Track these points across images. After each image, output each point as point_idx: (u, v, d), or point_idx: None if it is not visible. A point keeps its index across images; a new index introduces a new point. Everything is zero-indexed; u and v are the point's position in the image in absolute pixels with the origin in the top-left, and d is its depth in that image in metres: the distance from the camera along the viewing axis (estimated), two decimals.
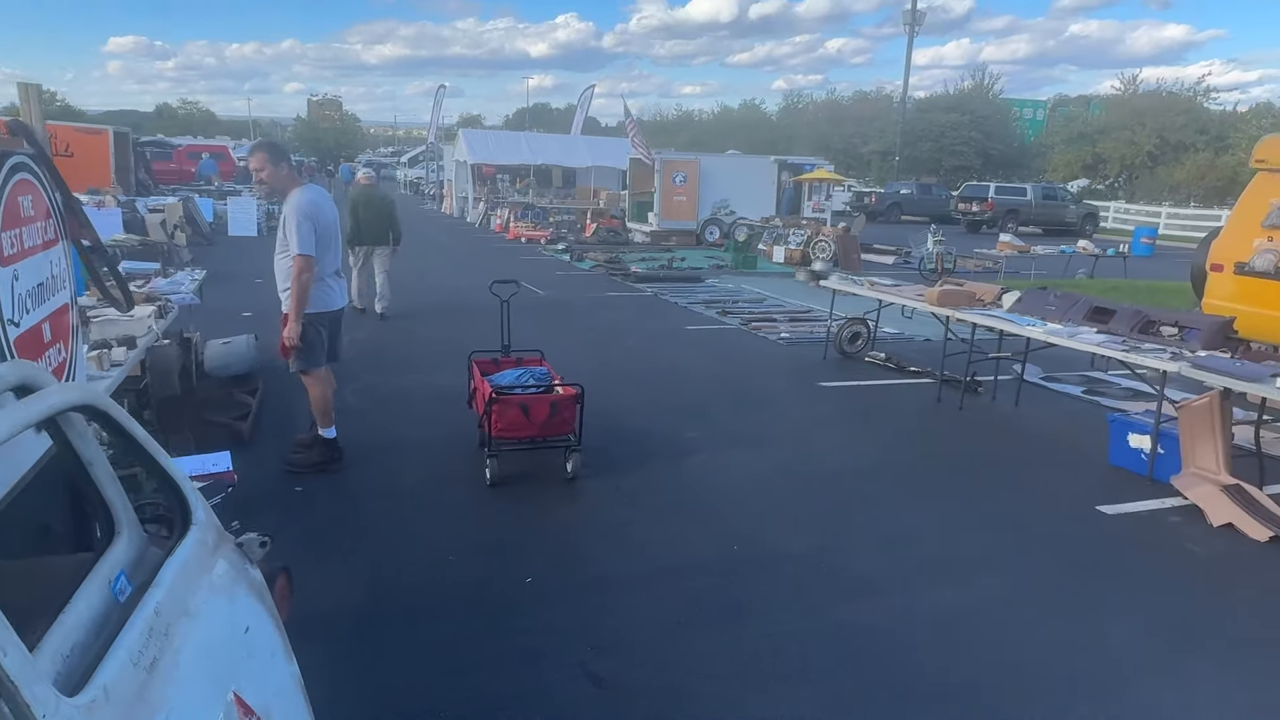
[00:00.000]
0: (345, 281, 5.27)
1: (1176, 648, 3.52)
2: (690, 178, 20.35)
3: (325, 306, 4.89)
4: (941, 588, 3.93)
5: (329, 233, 4.81)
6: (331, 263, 4.92)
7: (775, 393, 7.31)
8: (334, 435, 5.08)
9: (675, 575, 3.94)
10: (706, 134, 58.08)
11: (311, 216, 4.65)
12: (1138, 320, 5.96)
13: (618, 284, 13.69)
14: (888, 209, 32.22)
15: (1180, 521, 4.82)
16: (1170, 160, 34.80)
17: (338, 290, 5.02)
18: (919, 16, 37.66)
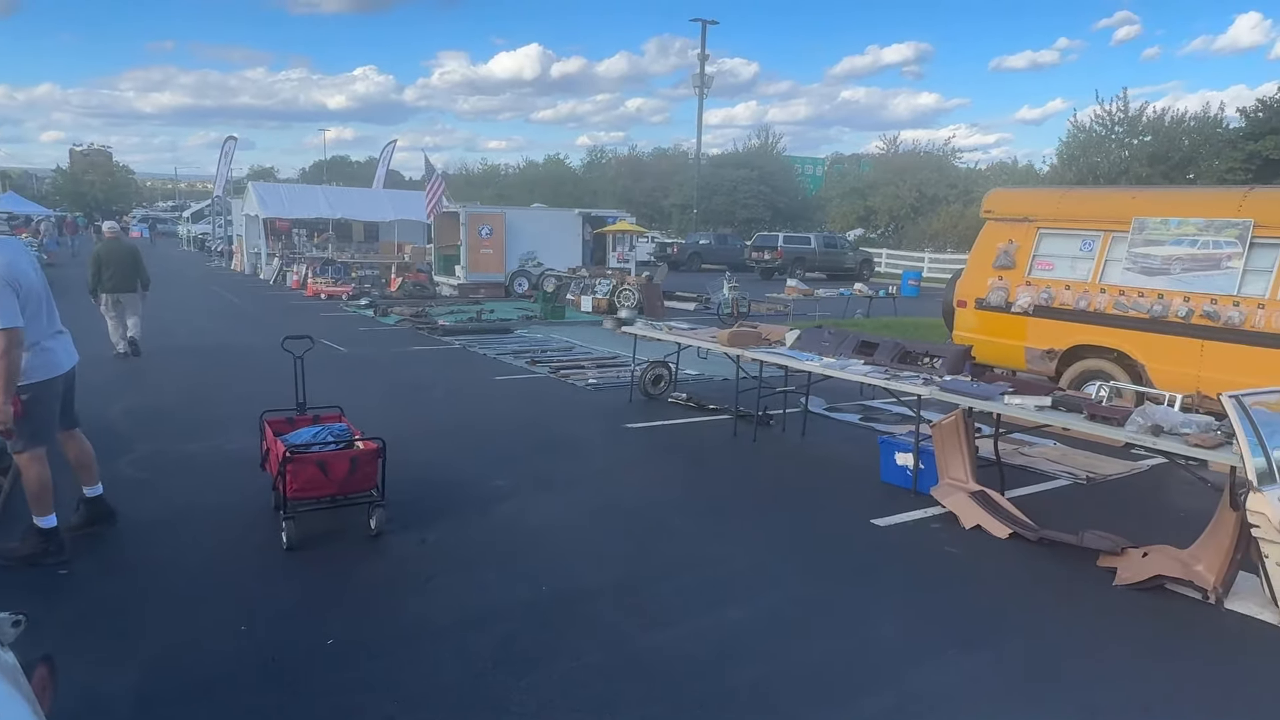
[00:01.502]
0: (68, 336, 4.63)
1: (936, 637, 3.97)
2: (497, 230, 20.49)
3: (51, 372, 4.36)
4: (734, 607, 4.20)
5: (35, 293, 4.24)
6: (48, 325, 4.37)
7: (583, 437, 7.50)
8: (54, 524, 4.40)
9: (484, 622, 3.95)
10: (513, 188, 58.63)
11: (11, 281, 4.03)
12: (897, 351, 6.70)
13: (425, 338, 13.48)
14: (689, 258, 33.88)
15: (939, 527, 5.44)
16: (928, 211, 39.17)
17: (61, 351, 4.46)
18: (708, 80, 40.37)
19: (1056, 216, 8.71)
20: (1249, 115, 28.48)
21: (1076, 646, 3.92)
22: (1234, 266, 7.29)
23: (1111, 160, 31.13)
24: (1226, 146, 28.42)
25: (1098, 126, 32.63)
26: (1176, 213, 7.76)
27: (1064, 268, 8.48)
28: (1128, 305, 7.87)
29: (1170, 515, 5.85)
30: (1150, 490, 6.55)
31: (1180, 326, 7.50)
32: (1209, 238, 7.46)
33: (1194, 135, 30.59)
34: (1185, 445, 4.55)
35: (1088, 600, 4.43)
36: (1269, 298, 7.04)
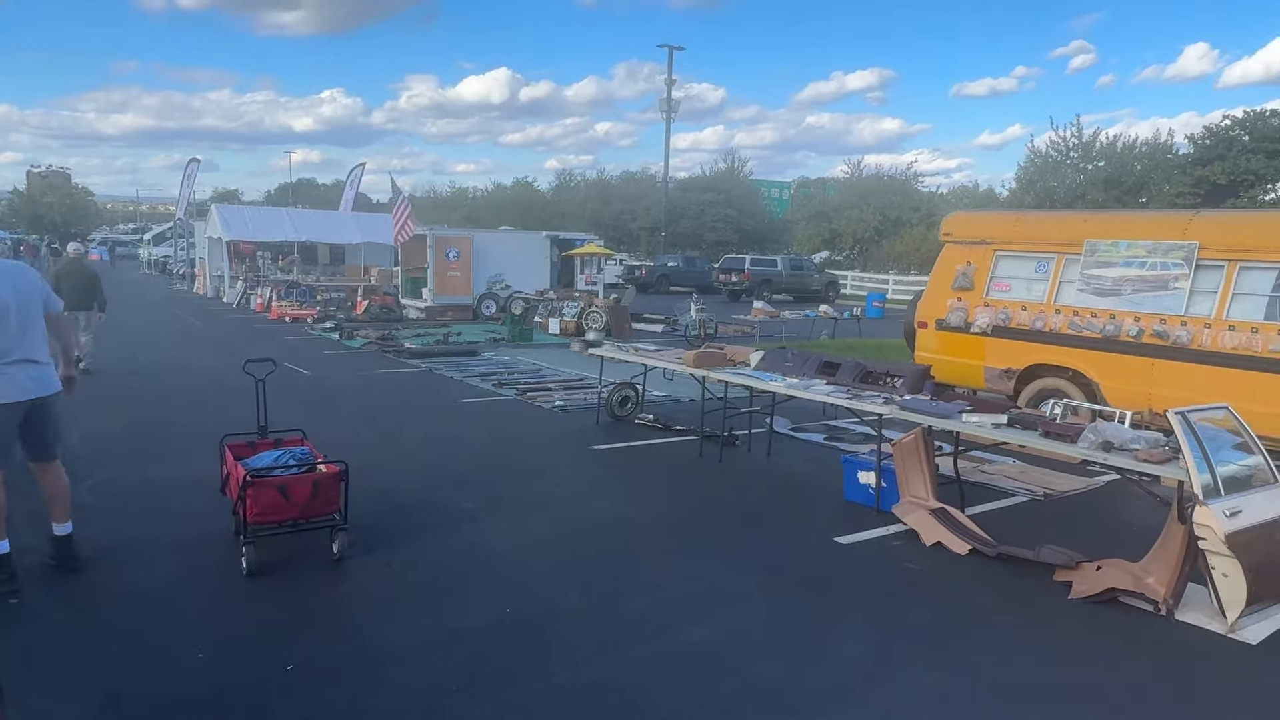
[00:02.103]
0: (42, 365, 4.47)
1: (897, 652, 4.03)
2: (464, 253, 20.47)
3: (9, 398, 4.27)
4: (699, 626, 4.23)
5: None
6: (12, 348, 4.28)
7: (549, 458, 7.50)
8: (6, 550, 4.33)
9: (448, 644, 3.94)
10: (481, 210, 58.59)
11: None
12: (858, 372, 6.82)
13: (391, 361, 13.39)
14: (657, 281, 34.05)
15: (900, 544, 5.52)
16: (892, 234, 39.84)
17: (23, 378, 4.34)
18: (674, 105, 40.90)
19: (1012, 239, 8.94)
20: (1197, 142, 29.47)
21: (1033, 659, 4.00)
22: (1181, 287, 7.53)
23: (1068, 185, 31.97)
24: (1176, 172, 29.36)
25: (1054, 152, 33.54)
26: (1126, 235, 8.01)
27: (1020, 289, 8.69)
28: (1081, 325, 8.08)
29: (1124, 530, 5.99)
30: (1105, 506, 6.70)
31: (1132, 346, 7.71)
32: (1157, 259, 7.70)
33: (1146, 161, 31.55)
34: (1134, 461, 4.68)
35: (1044, 613, 4.52)
36: (1214, 317, 7.27)
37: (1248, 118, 28.64)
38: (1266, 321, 6.99)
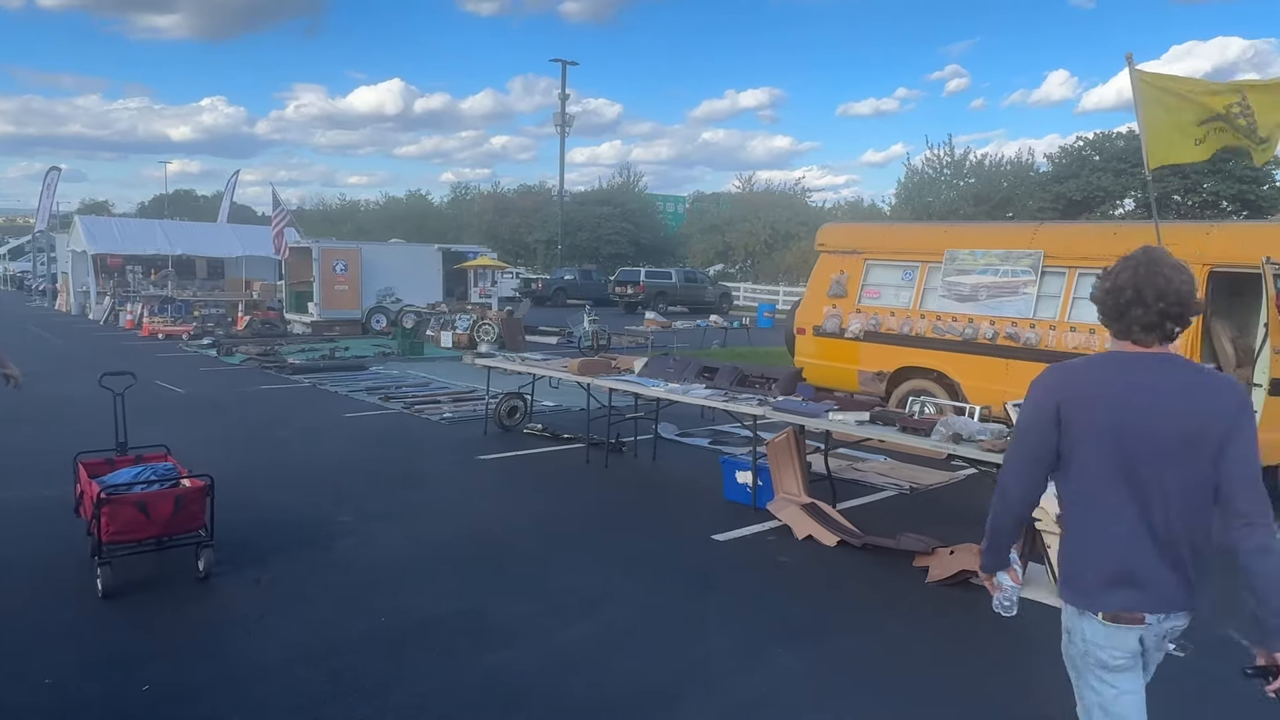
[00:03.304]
0: None
1: (764, 641, 4.21)
2: (352, 266, 19.97)
3: None
4: (576, 625, 4.31)
5: None
6: None
7: (434, 470, 7.43)
8: None
9: (318, 657, 3.87)
10: (373, 223, 57.18)
11: None
12: (735, 376, 7.06)
13: (272, 377, 12.94)
14: (554, 294, 34.04)
15: (775, 539, 5.75)
16: (782, 247, 41.14)
17: None
18: (570, 119, 41.04)
19: (881, 249, 9.44)
20: (1055, 161, 31.73)
21: (892, 641, 4.26)
22: (1030, 293, 8.13)
23: (942, 200, 33.82)
24: (1037, 188, 31.49)
25: (929, 169, 35.44)
26: (981, 245, 8.59)
27: (889, 296, 9.18)
28: (944, 329, 8.60)
29: (981, 517, 6.39)
30: (964, 496, 7.14)
31: (988, 347, 8.27)
32: (1008, 267, 8.29)
33: (1011, 178, 33.73)
34: (980, 450, 5.04)
35: (904, 598, 4.80)
36: (1058, 320, 7.89)
37: (1098, 139, 31.04)
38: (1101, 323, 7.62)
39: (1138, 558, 2.23)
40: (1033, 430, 2.36)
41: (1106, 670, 2.27)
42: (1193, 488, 2.20)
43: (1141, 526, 2.23)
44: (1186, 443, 2.18)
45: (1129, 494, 2.24)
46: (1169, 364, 2.25)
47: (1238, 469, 2.17)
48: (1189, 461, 2.19)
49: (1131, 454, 2.22)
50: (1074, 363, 2.43)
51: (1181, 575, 2.23)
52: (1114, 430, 2.23)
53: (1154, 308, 2.19)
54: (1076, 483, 2.31)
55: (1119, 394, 2.24)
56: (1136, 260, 2.24)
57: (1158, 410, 2.20)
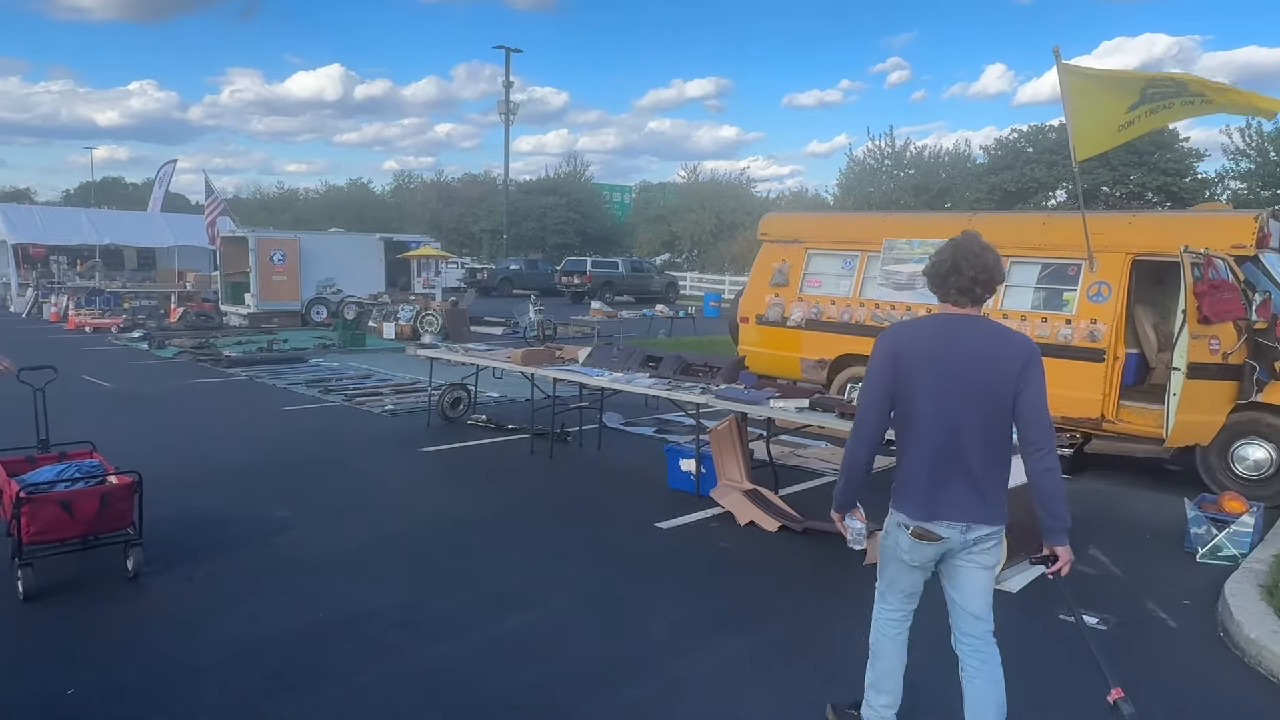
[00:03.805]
0: None
1: (704, 625, 4.26)
2: (290, 256, 19.49)
3: None
4: (517, 615, 4.30)
5: None
6: None
7: (375, 463, 7.33)
8: None
9: (252, 654, 3.80)
10: (313, 212, 55.86)
11: None
12: (679, 364, 7.10)
13: (207, 370, 12.58)
14: (499, 284, 33.75)
15: (718, 526, 5.81)
16: (727, 237, 41.40)
17: None
18: (515, 108, 40.65)
19: (821, 238, 9.56)
20: (990, 153, 32.52)
21: (828, 621, 4.35)
22: None
23: (883, 190, 34.41)
24: (974, 179, 32.25)
25: (871, 160, 36.01)
26: (918, 234, 8.77)
27: (830, 284, 9.31)
28: (882, 317, 8.76)
29: None
30: None
31: None
32: None
33: (949, 169, 34.48)
34: None
35: (841, 580, 4.90)
36: (992, 307, 8.09)
37: (1032, 131, 31.89)
38: (1032, 310, 7.87)
39: (955, 481, 2.81)
40: (876, 374, 2.90)
41: (905, 566, 3.01)
42: (994, 421, 2.79)
43: (958, 455, 2.79)
44: (990, 385, 2.77)
45: (945, 425, 2.79)
46: (979, 323, 2.85)
47: (1030, 407, 2.76)
48: (991, 400, 2.77)
49: (948, 393, 2.78)
50: (908, 321, 3.04)
51: (981, 493, 2.81)
52: (936, 374, 2.80)
53: (966, 275, 2.77)
54: (906, 416, 2.87)
55: (940, 346, 2.82)
56: (956, 241, 2.83)
57: (969, 358, 2.78)
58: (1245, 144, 24.55)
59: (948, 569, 2.97)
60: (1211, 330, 6.50)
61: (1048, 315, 7.73)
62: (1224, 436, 6.83)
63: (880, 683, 3.16)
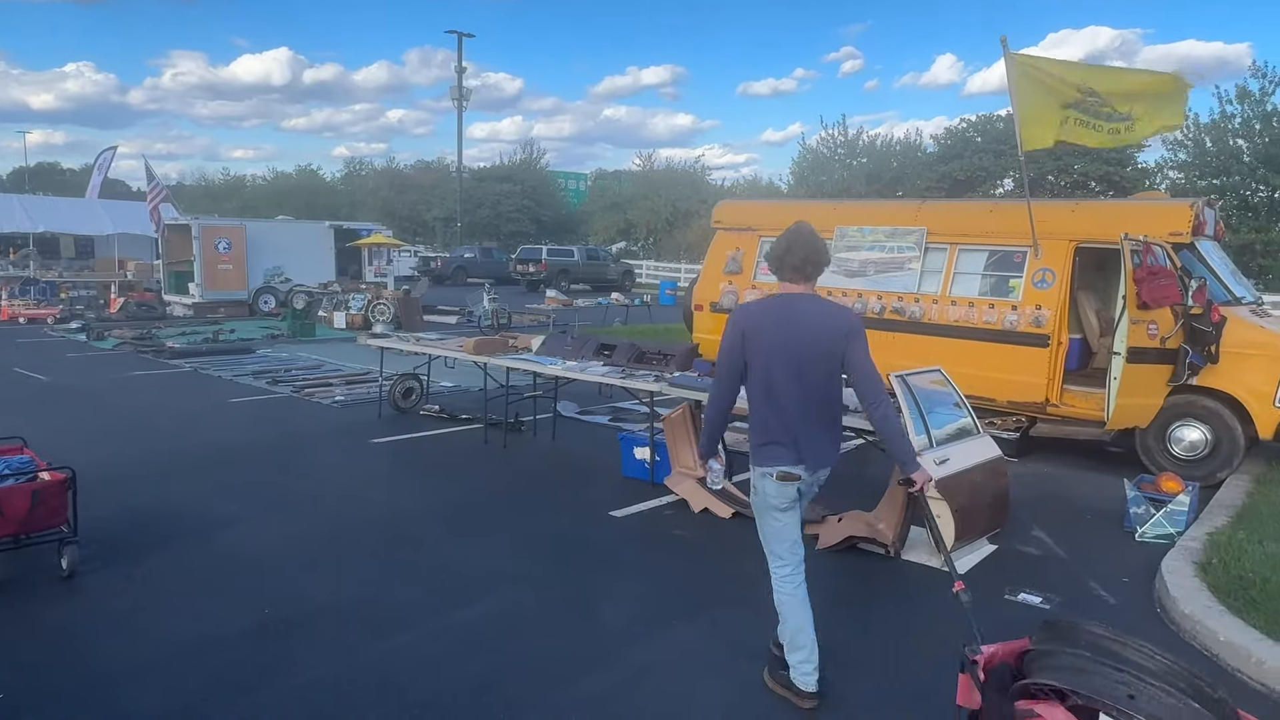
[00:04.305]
0: None
1: (658, 614, 4.26)
2: (236, 244, 19.02)
3: None
4: (470, 607, 4.26)
5: None
6: None
7: (325, 455, 7.19)
8: None
9: (196, 653, 3.70)
10: (261, 200, 54.60)
11: None
12: (633, 352, 7.08)
13: (149, 362, 12.22)
14: (453, 272, 33.35)
15: (672, 514, 5.82)
16: (683, 225, 41.45)
17: None
18: (468, 94, 40.07)
19: (775, 226, 9.57)
20: (940, 142, 33.01)
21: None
22: (914, 268, 8.44)
23: (835, 179, 34.72)
24: (925, 168, 32.72)
25: (823, 149, 36.29)
26: (869, 222, 8.86)
27: None
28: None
29: (867, 485, 6.64)
30: (854, 465, 7.39)
31: (876, 321, 8.55)
32: (894, 243, 8.59)
33: (901, 158, 34.92)
34: (864, 420, 5.21)
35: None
36: (940, 294, 8.23)
37: (981, 121, 32.43)
38: (979, 297, 8.01)
39: (795, 432, 3.32)
40: (727, 349, 3.42)
41: (777, 511, 3.43)
42: (829, 381, 3.35)
43: (798, 410, 3.31)
44: (822, 351, 3.30)
45: (788, 388, 3.30)
46: (811, 299, 3.38)
47: (857, 369, 3.31)
48: (823, 364, 3.31)
49: (788, 359, 3.29)
50: (754, 302, 3.57)
51: (823, 442, 3.40)
52: (778, 344, 3.30)
53: (798, 257, 3.33)
54: (755, 382, 3.37)
55: (780, 320, 3.33)
56: (790, 231, 3.40)
57: (804, 329, 3.30)
58: (1183, 135, 25.29)
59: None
60: (1150, 315, 6.68)
61: (994, 302, 7.88)
62: (1162, 419, 7.04)
63: (795, 640, 3.45)
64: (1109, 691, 2.18)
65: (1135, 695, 2.16)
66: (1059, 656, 2.38)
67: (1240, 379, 6.82)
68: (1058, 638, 2.48)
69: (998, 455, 5.58)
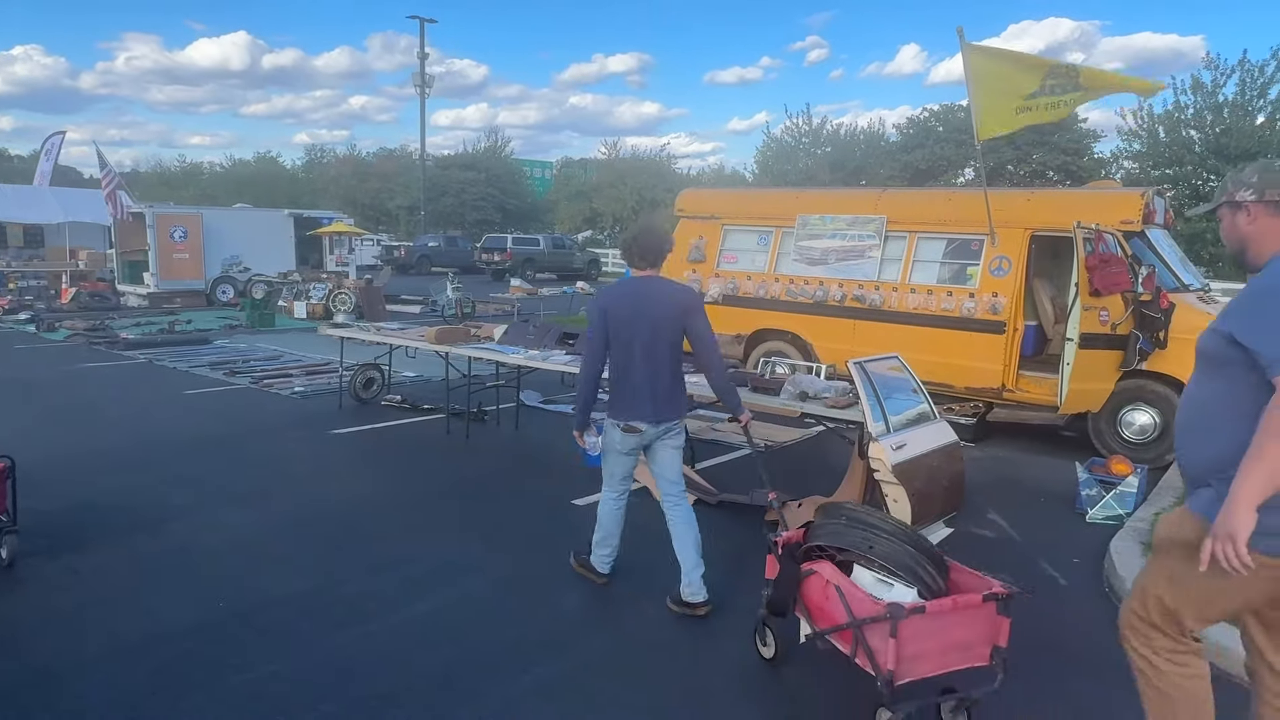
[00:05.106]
0: None
1: (613, 601, 4.27)
2: (193, 233, 18.62)
3: None
4: (430, 598, 4.23)
5: None
6: None
7: (283, 446, 7.08)
8: None
9: (143, 648, 3.63)
10: (219, 187, 53.42)
11: None
12: None
13: (102, 353, 11.94)
14: (417, 261, 33.04)
15: (635, 503, 5.78)
16: (648, 213, 41.40)
17: None
18: (431, 80, 39.58)
19: (738, 214, 9.64)
20: (903, 132, 33.31)
21: (744, 590, 4.40)
22: (874, 256, 8.52)
23: (800, 168, 34.90)
24: (888, 158, 33.02)
25: (788, 138, 36.44)
26: (830, 210, 8.92)
27: (746, 260, 9.41)
28: (797, 292, 8.91)
29: (828, 470, 6.72)
30: (815, 452, 7.48)
31: (837, 309, 8.63)
32: (855, 232, 8.66)
33: (864, 147, 35.19)
34: (824, 407, 5.27)
35: (755, 552, 4.97)
36: (900, 282, 8.32)
37: (943, 111, 32.82)
38: (938, 284, 8.11)
39: (646, 392, 4.03)
40: (594, 326, 4.07)
41: (621, 454, 4.23)
42: (672, 349, 4.06)
43: (648, 375, 4.02)
44: (665, 325, 4.00)
45: (640, 356, 4.00)
46: (657, 281, 4.11)
47: (697, 339, 4.08)
48: (667, 335, 4.02)
49: (640, 332, 3.98)
50: (613, 284, 4.31)
51: (668, 399, 4.10)
52: (632, 319, 3.99)
53: (643, 246, 4.08)
54: (615, 351, 4.05)
55: (633, 299, 4.02)
56: (637, 225, 4.15)
57: (653, 306, 3.99)
58: (1137, 125, 25.81)
59: (650, 452, 4.25)
60: (1101, 302, 6.82)
61: (953, 289, 7.99)
62: (1113, 403, 7.20)
63: (604, 541, 4.38)
64: (858, 545, 3.32)
65: (874, 546, 3.27)
66: (825, 527, 3.49)
67: (1187, 364, 6.98)
68: (825, 515, 3.56)
69: (954, 440, 5.66)
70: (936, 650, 3.06)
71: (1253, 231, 2.40)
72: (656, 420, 4.08)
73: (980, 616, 3.09)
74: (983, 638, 3.11)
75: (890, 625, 2.93)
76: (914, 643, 2.99)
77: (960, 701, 3.15)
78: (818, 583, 3.34)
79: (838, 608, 3.18)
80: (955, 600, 3.09)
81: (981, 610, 3.09)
